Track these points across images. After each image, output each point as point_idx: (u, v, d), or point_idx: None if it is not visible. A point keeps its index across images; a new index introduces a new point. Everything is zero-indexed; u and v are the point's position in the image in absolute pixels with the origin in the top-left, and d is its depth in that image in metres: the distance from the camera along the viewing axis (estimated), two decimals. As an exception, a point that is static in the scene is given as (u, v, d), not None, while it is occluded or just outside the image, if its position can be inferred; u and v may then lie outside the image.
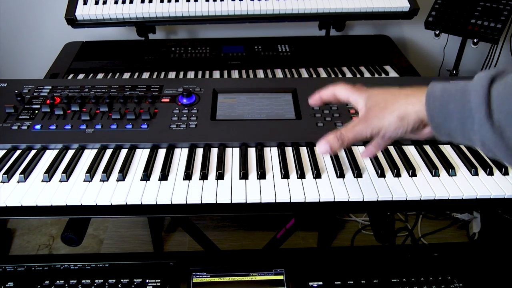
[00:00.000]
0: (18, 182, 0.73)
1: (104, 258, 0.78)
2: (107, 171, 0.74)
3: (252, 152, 0.80)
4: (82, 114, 0.86)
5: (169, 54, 1.39)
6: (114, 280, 0.73)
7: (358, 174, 0.74)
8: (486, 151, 0.47)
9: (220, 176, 0.74)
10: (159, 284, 0.73)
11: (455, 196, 0.71)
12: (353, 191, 0.71)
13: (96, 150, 0.81)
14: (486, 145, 0.46)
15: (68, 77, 1.26)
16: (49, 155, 0.80)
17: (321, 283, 0.73)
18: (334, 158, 0.78)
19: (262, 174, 0.74)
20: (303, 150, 0.81)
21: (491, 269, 0.77)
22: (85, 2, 1.32)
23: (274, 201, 0.69)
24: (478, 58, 1.81)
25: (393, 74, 1.29)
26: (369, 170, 0.76)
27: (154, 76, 1.29)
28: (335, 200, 0.70)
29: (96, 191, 0.71)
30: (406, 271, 0.75)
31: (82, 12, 1.30)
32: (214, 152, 0.80)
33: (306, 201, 0.70)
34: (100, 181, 0.73)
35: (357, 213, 1.78)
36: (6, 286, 0.72)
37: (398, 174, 0.75)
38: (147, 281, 0.74)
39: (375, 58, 1.39)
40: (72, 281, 0.73)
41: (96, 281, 0.73)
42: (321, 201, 0.70)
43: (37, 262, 0.77)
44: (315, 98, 0.68)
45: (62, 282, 0.73)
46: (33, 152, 0.81)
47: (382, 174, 0.75)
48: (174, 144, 0.82)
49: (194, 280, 0.74)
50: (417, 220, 1.76)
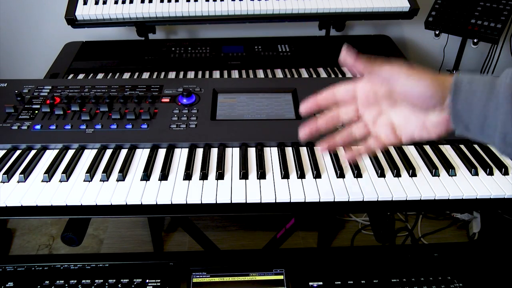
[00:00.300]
0: (18, 182, 0.73)
1: (104, 258, 0.78)
2: (107, 171, 0.74)
3: (252, 152, 0.80)
4: (82, 114, 0.86)
5: (169, 54, 1.38)
6: (114, 280, 0.73)
7: (358, 174, 0.74)
8: (505, 147, 0.47)
9: (220, 176, 0.74)
10: (159, 284, 0.73)
11: (455, 196, 0.71)
12: (353, 191, 0.71)
13: (96, 150, 0.81)
14: (506, 139, 0.46)
15: (68, 77, 1.26)
16: (49, 155, 0.80)
17: (321, 283, 0.73)
18: (334, 158, 0.78)
19: (262, 174, 0.74)
20: (303, 150, 0.81)
21: (491, 269, 0.77)
22: (85, 2, 1.32)
23: (274, 201, 0.69)
24: (478, 58, 1.80)
25: (393, 74, 1.28)
26: (369, 170, 0.76)
27: (154, 76, 1.29)
28: (335, 200, 0.70)
29: (96, 191, 0.71)
30: (406, 271, 0.75)
31: (82, 12, 1.30)
32: (214, 152, 0.80)
33: (306, 201, 0.70)
34: (100, 181, 0.73)
35: (357, 213, 1.78)
36: (6, 286, 0.72)
37: (398, 174, 0.75)
38: (147, 281, 0.73)
39: (375, 58, 1.39)
40: (72, 281, 0.73)
41: (96, 281, 0.73)
42: (321, 201, 0.70)
43: (37, 262, 0.77)
44: (309, 106, 0.60)
45: (62, 282, 0.73)
46: (33, 152, 0.81)
47: (382, 174, 0.75)
48: (174, 144, 0.82)
49: (194, 280, 0.74)
50: (417, 220, 1.76)
